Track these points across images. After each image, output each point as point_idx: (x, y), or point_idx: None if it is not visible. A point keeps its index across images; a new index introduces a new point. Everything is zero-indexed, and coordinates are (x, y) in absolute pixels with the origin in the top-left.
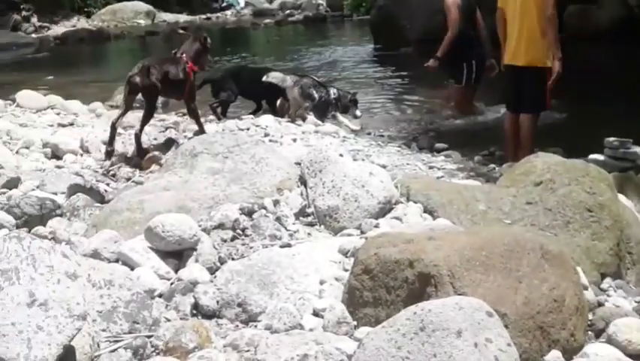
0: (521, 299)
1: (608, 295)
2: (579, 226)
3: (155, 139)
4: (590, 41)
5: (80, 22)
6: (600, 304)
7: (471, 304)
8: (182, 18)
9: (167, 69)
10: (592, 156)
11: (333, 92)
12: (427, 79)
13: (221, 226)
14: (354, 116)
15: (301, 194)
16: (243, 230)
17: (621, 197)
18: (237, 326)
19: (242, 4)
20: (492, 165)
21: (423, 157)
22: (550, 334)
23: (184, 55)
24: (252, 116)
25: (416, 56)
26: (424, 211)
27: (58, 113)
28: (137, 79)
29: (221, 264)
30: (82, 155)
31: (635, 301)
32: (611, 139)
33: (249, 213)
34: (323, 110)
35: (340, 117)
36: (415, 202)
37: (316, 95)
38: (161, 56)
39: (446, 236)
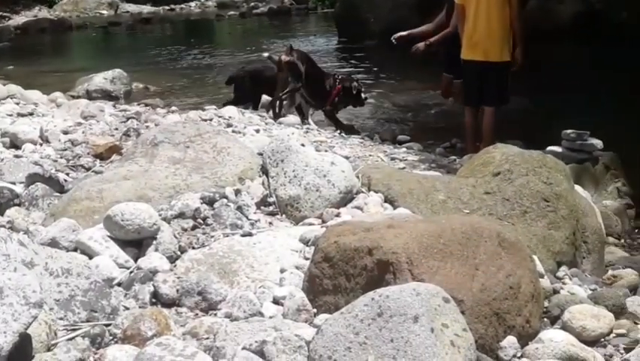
0: (478, 286)
1: (564, 283)
2: (536, 216)
3: (117, 129)
4: (551, 36)
5: (41, 12)
6: (556, 292)
7: (428, 290)
8: (146, 9)
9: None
10: (550, 148)
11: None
12: (390, 71)
13: (181, 215)
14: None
15: (263, 183)
16: (204, 219)
17: (578, 188)
18: (197, 314)
19: None
20: (453, 157)
21: (385, 149)
22: (506, 320)
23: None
24: (214, 107)
25: (381, 48)
26: (385, 201)
27: (17, 103)
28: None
29: (182, 253)
30: (41, 144)
31: (590, 289)
32: (569, 131)
33: (210, 203)
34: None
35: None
36: (376, 192)
37: None
38: None
39: (405, 224)
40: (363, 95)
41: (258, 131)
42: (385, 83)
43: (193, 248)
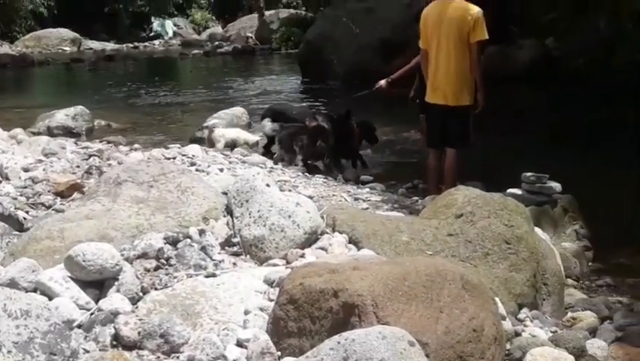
0: (442, 329)
1: (525, 325)
2: (498, 258)
3: (78, 166)
4: (510, 81)
5: (2, 48)
6: (517, 334)
7: (394, 333)
8: (109, 46)
9: None
10: (510, 190)
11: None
12: (354, 112)
13: (144, 256)
14: None
15: (227, 224)
16: (167, 260)
17: (537, 230)
18: (159, 357)
19: (170, 34)
20: (415, 198)
21: (349, 188)
22: None
23: None
24: (178, 145)
25: (344, 89)
26: (349, 242)
27: None
28: None
29: (144, 294)
30: (0, 182)
31: (551, 332)
32: (528, 174)
33: (174, 243)
34: None
35: None
36: (341, 233)
37: None
38: None
39: (370, 266)
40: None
41: (222, 170)
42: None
43: (156, 289)
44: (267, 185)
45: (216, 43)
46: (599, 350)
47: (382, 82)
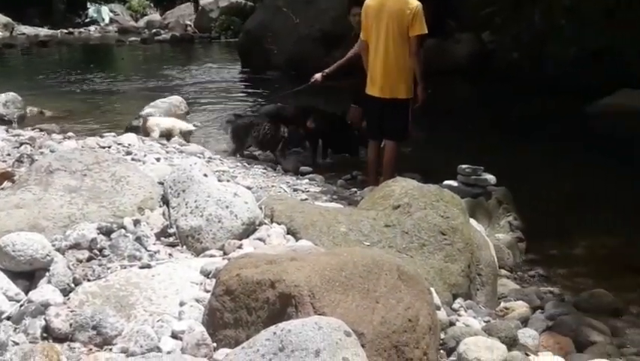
0: (378, 319)
1: (459, 315)
2: (433, 249)
3: (9, 154)
4: (447, 75)
5: None
6: (452, 324)
7: (330, 324)
8: (43, 32)
9: None
10: (446, 182)
11: None
12: (295, 101)
13: (76, 246)
14: None
15: (163, 214)
16: (101, 250)
17: (472, 221)
18: (91, 349)
19: (106, 20)
20: (354, 189)
21: (288, 180)
22: (405, 353)
23: None
24: (113, 133)
25: (284, 79)
26: (288, 233)
27: None
28: None
29: (76, 285)
30: None
31: (484, 321)
32: (464, 166)
33: (108, 233)
34: None
35: None
36: (279, 223)
37: None
38: None
39: (308, 257)
40: None
41: (158, 159)
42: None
43: (88, 280)
44: (205, 175)
45: (154, 30)
46: (530, 339)
47: (318, 75)
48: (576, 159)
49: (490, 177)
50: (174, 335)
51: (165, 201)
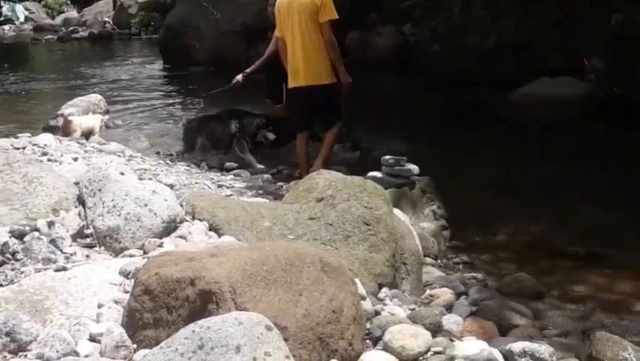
0: (301, 312)
1: (385, 304)
2: (358, 240)
3: None
4: (371, 67)
5: None
6: (377, 313)
7: (250, 319)
8: None
9: None
10: (370, 174)
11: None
12: (217, 98)
13: None
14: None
15: (79, 214)
16: (13, 254)
17: (397, 211)
18: (5, 356)
19: (21, 18)
20: (280, 183)
21: (212, 176)
22: (329, 344)
23: None
24: (28, 134)
25: (206, 75)
26: (210, 229)
27: None
28: None
29: None
30: None
31: (409, 309)
32: (387, 157)
33: (20, 236)
34: None
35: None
36: (201, 220)
37: None
38: None
39: (229, 253)
40: None
41: (76, 159)
42: (213, 111)
43: (0, 285)
44: (122, 173)
45: (71, 28)
46: (454, 324)
47: (239, 77)
48: (497, 147)
49: (414, 167)
50: (92, 338)
51: (81, 201)
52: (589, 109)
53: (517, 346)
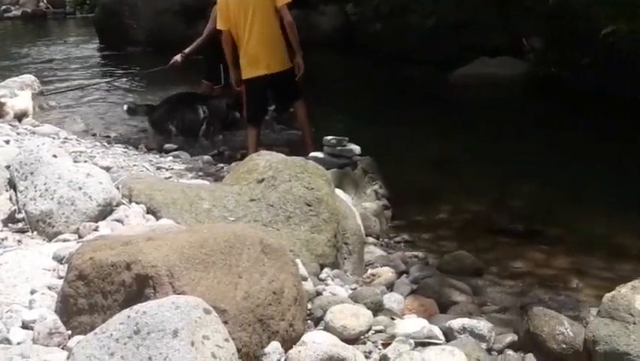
0: (241, 294)
1: (327, 285)
2: (299, 220)
3: None
4: (314, 47)
5: None
6: (319, 294)
7: (188, 302)
8: None
9: None
10: (312, 154)
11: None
12: (156, 79)
13: None
14: None
15: (10, 199)
16: None
17: (339, 192)
18: None
19: None
20: (220, 165)
21: (151, 158)
22: (270, 326)
23: None
24: None
25: (144, 55)
26: (147, 212)
27: None
28: None
29: None
30: None
31: (351, 289)
32: (329, 137)
33: None
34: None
35: None
36: (138, 203)
37: None
38: None
39: (166, 236)
40: None
41: (8, 142)
42: (151, 91)
43: None
44: (54, 156)
45: (4, 7)
46: (395, 303)
47: (177, 57)
48: (438, 126)
49: (355, 147)
50: (25, 325)
51: (12, 185)
52: (528, 88)
53: (457, 322)
